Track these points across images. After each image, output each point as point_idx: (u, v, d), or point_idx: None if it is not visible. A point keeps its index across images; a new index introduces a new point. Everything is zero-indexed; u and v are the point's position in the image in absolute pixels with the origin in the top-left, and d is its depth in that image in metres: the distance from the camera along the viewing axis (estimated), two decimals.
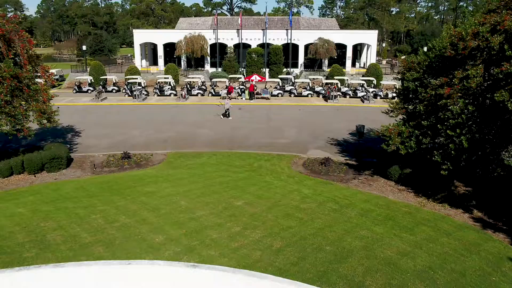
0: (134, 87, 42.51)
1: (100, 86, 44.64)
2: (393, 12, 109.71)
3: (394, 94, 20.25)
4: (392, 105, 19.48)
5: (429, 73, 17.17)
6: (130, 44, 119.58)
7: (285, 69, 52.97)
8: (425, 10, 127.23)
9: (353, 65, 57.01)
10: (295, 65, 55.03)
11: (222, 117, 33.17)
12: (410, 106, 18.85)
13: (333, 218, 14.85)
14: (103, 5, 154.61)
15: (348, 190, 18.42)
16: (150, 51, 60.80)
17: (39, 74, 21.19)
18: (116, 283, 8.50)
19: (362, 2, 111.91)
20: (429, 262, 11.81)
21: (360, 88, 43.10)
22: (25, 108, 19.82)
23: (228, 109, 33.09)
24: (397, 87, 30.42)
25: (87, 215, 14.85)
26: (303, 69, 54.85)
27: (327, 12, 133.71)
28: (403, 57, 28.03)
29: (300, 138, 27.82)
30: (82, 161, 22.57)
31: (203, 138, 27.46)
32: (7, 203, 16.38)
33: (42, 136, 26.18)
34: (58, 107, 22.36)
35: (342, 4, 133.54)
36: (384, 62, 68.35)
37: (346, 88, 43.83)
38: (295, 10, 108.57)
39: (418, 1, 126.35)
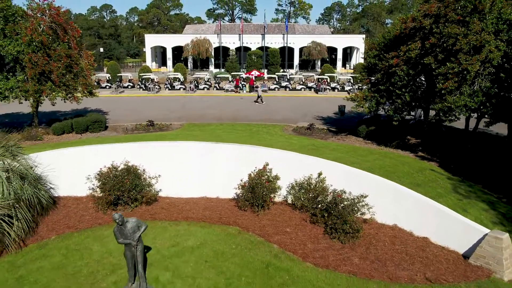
0: (147, 82, 48.27)
1: (118, 82, 50.38)
2: (388, 24, 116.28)
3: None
4: (359, 77, 25.10)
5: (384, 50, 22.78)
6: (134, 56, 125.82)
7: (281, 70, 58.78)
8: None
9: (344, 66, 62.91)
10: (291, 66, 60.91)
11: (260, 102, 39.65)
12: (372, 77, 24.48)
13: (311, 152, 20.31)
14: (108, 18, 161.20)
15: (326, 142, 23.93)
16: (159, 53, 66.74)
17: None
18: (170, 152, 15.23)
19: (356, 13, 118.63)
20: (371, 167, 17.29)
21: (348, 83, 48.88)
22: (74, 81, 25.43)
23: (259, 96, 39.82)
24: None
25: None
26: (298, 69, 60.72)
27: (325, 24, 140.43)
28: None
29: (292, 116, 33.36)
30: (115, 127, 28.12)
31: (211, 116, 33.00)
32: (65, 145, 21.88)
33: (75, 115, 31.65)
34: (96, 82, 27.92)
35: (338, 16, 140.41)
36: None
37: (336, 84, 49.59)
38: (293, 20, 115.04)
39: (410, 13, 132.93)
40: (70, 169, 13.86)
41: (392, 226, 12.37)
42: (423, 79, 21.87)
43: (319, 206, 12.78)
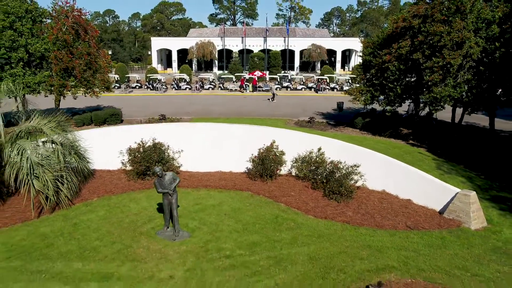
0: (155, 82, 50.59)
1: (126, 82, 52.67)
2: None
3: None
4: (355, 73, 27.35)
5: (378, 48, 25.04)
6: (136, 60, 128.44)
7: (283, 71, 61.15)
8: None
9: (343, 68, 65.32)
10: (291, 67, 63.32)
11: (271, 100, 42.13)
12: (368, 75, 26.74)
13: None
14: (111, 23, 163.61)
15: (325, 133, 26.10)
16: (164, 56, 69.15)
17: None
18: (189, 132, 17.66)
19: (355, 18, 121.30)
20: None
21: (346, 83, 51.17)
22: (93, 77, 27.66)
23: (274, 94, 42.51)
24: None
25: None
26: (298, 71, 63.08)
27: (324, 29, 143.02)
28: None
29: (294, 112, 35.60)
30: (130, 121, 30.32)
31: (218, 112, 35.25)
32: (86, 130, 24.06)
33: (93, 109, 33.86)
34: (115, 79, 30.14)
35: (338, 21, 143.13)
36: None
37: (335, 84, 51.93)
38: (293, 25, 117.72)
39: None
40: (103, 146, 16.04)
41: (381, 191, 14.54)
42: (413, 74, 24.10)
43: (319, 176, 14.94)
